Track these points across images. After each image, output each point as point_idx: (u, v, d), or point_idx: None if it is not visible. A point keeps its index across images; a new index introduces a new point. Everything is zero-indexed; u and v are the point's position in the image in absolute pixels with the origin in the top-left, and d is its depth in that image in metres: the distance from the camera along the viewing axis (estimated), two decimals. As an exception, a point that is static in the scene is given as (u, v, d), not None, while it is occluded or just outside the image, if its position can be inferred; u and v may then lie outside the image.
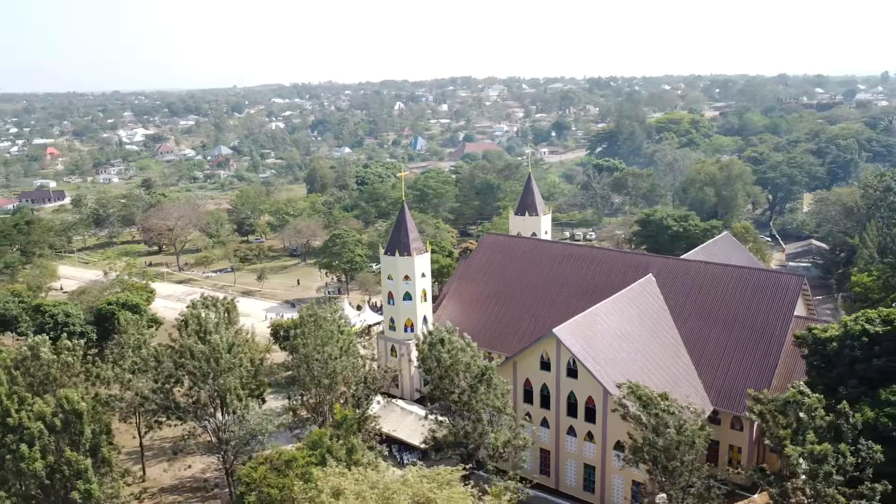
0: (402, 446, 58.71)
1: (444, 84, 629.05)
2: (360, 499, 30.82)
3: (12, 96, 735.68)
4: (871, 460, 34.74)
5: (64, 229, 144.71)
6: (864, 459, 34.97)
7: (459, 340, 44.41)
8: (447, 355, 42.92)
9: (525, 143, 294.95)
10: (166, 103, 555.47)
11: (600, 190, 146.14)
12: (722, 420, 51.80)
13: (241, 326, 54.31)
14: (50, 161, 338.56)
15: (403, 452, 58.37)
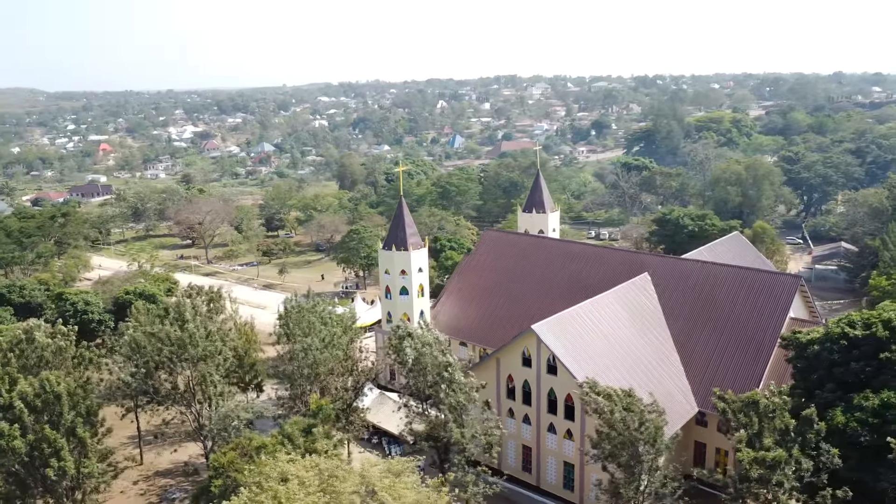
0: (392, 438, 59.33)
1: (488, 83, 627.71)
2: (302, 484, 31.42)
3: (73, 94, 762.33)
4: (830, 466, 33.77)
5: (102, 222, 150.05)
6: (824, 465, 34.04)
7: (428, 336, 44.59)
8: (410, 350, 43.22)
9: (563, 141, 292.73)
10: (216, 101, 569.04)
11: (628, 189, 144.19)
12: (709, 422, 50.85)
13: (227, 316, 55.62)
14: (102, 157, 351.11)
15: (392, 445, 59.00)
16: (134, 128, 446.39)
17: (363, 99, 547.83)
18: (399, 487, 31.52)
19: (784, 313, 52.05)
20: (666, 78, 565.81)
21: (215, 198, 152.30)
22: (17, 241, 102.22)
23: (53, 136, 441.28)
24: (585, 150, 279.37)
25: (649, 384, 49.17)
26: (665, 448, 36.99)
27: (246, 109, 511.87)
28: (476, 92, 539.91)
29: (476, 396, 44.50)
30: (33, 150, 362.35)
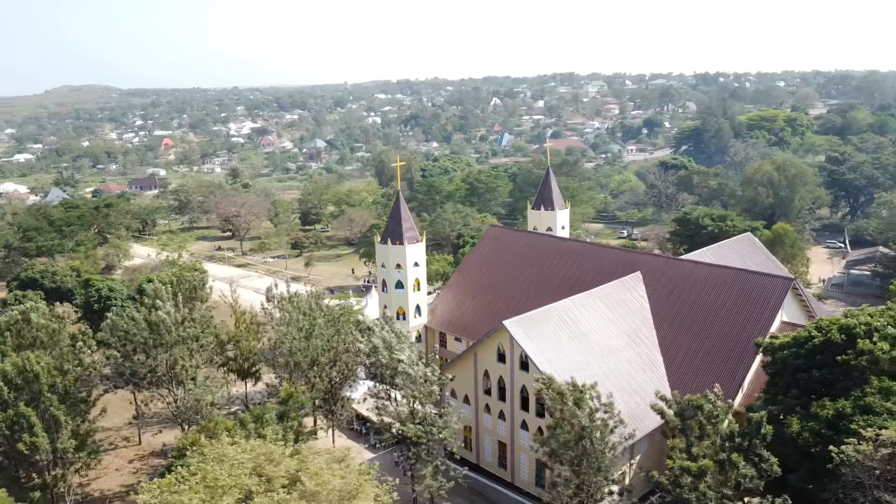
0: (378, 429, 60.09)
1: (545, 80, 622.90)
2: (232, 466, 32.43)
3: (144, 91, 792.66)
4: (770, 473, 32.75)
5: (148, 213, 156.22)
6: (765, 472, 33.05)
7: (384, 332, 45.04)
8: (364, 345, 43.88)
9: (613, 140, 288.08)
10: (276, 98, 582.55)
11: (665, 189, 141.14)
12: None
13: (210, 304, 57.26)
14: (164, 151, 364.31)
15: (377, 434, 59.78)
16: (196, 124, 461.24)
17: (419, 96, 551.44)
18: (324, 473, 32.16)
19: (772, 317, 50.40)
20: (729, 75, 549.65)
21: (252, 192, 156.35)
22: (59, 229, 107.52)
23: (122, 132, 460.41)
24: (635, 149, 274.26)
25: (625, 386, 48.54)
26: (610, 449, 36.45)
27: (304, 106, 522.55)
28: (532, 90, 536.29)
29: (435, 390, 44.77)
30: (101, 144, 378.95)
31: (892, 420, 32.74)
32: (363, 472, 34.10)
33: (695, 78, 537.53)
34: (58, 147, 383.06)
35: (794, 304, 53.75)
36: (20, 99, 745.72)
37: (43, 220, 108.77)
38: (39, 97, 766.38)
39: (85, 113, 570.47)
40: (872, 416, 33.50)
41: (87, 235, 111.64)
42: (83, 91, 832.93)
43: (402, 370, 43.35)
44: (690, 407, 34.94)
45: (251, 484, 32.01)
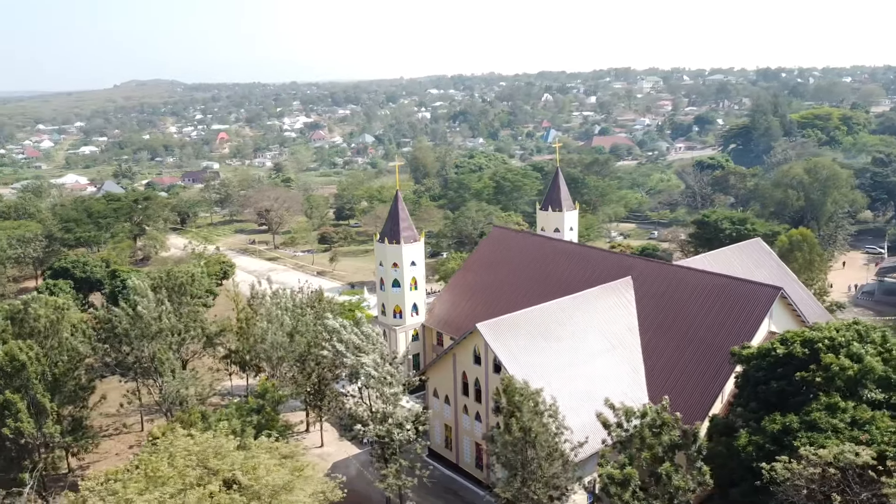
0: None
1: (601, 75, 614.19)
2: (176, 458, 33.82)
3: (207, 86, 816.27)
4: (704, 485, 32.22)
5: (190, 206, 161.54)
6: (701, 485, 32.53)
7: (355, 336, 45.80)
8: (328, 350, 44.91)
9: (661, 137, 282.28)
10: (331, 93, 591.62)
11: (700, 189, 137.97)
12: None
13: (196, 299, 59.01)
14: (218, 145, 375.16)
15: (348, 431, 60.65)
16: (252, 118, 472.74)
17: (471, 92, 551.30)
18: (260, 468, 33.20)
19: (755, 326, 49.11)
20: (793, 70, 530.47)
21: (294, 187, 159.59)
22: (96, 221, 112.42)
23: (181, 125, 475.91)
24: (683, 147, 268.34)
25: (599, 392, 47.95)
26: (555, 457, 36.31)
27: (357, 101, 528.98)
28: (585, 85, 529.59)
29: (398, 391, 45.39)
30: (160, 137, 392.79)
31: (834, 438, 31.74)
32: (301, 469, 35.04)
33: (756, 73, 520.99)
34: (121, 140, 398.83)
35: (785, 313, 52.16)
36: (90, 93, 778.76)
37: (83, 212, 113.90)
38: (108, 91, 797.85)
39: (149, 107, 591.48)
40: (816, 432, 32.54)
41: (122, 227, 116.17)
42: (149, 86, 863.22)
43: (366, 371, 44.09)
44: (633, 416, 34.57)
45: (193, 476, 33.32)
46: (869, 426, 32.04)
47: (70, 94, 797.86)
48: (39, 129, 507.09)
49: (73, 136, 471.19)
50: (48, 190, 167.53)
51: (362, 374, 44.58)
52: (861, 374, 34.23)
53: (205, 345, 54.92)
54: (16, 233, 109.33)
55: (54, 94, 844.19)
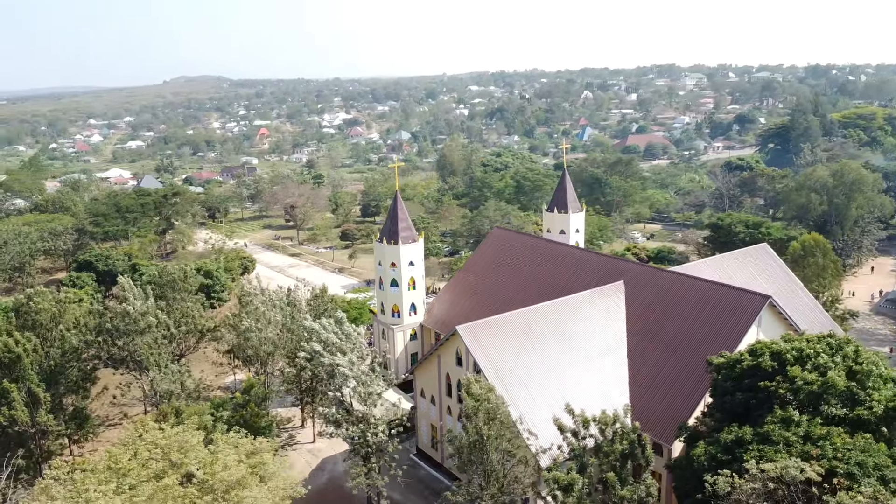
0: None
1: (644, 72, 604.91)
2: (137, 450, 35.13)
3: (252, 82, 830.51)
4: (648, 496, 32.02)
5: (221, 201, 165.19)
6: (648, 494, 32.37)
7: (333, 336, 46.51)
8: (303, 355, 45.76)
9: (699, 136, 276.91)
10: (372, 90, 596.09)
11: (727, 191, 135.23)
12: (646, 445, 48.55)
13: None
14: (259, 140, 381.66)
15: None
16: (293, 114, 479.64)
17: (511, 88, 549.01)
18: (217, 464, 34.19)
19: (741, 334, 48.21)
20: (845, 68, 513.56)
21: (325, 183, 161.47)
22: (123, 216, 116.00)
23: (225, 121, 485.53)
24: (721, 146, 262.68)
25: (577, 398, 47.83)
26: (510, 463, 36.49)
27: (397, 98, 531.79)
28: (627, 82, 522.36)
29: (376, 391, 46.00)
30: (202, 132, 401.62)
31: (784, 452, 31.20)
32: (262, 465, 35.98)
33: (805, 70, 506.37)
34: (165, 135, 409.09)
35: (775, 322, 51.07)
36: (141, 89, 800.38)
37: (112, 206, 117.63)
38: (158, 87, 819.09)
39: (195, 103, 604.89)
40: (768, 445, 32.04)
41: (149, 222, 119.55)
42: (197, 82, 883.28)
43: (341, 371, 44.82)
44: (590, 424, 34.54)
45: (155, 469, 34.54)
46: (823, 441, 31.38)
47: (122, 90, 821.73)
48: (91, 123, 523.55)
49: (122, 130, 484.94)
50: (88, 184, 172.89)
51: (337, 374, 45.33)
52: (822, 388, 33.52)
53: (198, 339, 56.36)
54: (49, 226, 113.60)
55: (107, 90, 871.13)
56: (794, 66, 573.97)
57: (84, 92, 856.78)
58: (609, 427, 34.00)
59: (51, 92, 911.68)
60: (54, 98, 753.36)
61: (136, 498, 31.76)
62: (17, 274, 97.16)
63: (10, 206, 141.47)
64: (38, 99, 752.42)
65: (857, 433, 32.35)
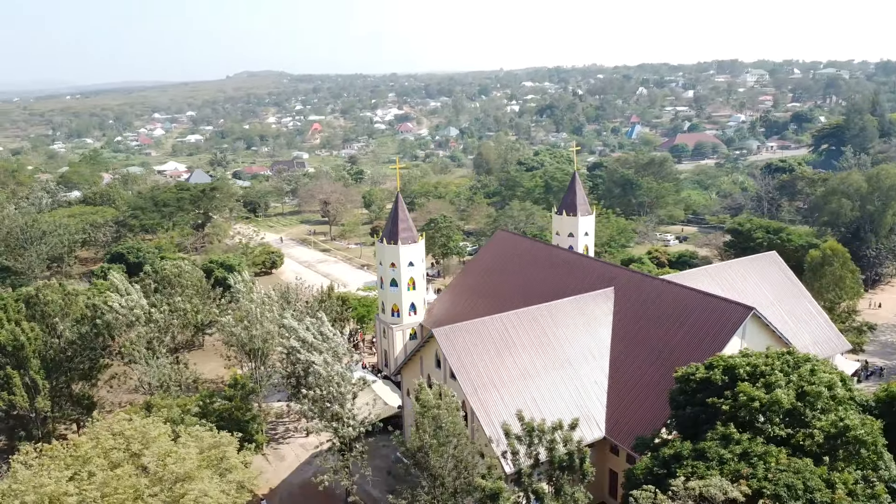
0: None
1: (705, 68, 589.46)
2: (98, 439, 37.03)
3: (312, 77, 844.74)
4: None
5: (260, 196, 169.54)
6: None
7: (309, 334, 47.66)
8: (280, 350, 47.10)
9: (753, 135, 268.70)
10: (426, 85, 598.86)
11: (766, 194, 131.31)
12: (620, 452, 48.30)
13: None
14: (311, 135, 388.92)
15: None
16: (347, 109, 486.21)
17: (565, 84, 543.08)
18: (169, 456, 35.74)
19: (721, 345, 47.18)
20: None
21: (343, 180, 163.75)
22: (159, 210, 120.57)
23: (281, 115, 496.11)
24: (776, 146, 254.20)
25: (550, 406, 47.91)
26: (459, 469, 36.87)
27: (450, 94, 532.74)
28: (685, 78, 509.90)
29: (349, 390, 47.01)
30: (258, 127, 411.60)
31: (716, 470, 30.70)
32: (215, 459, 37.43)
33: (876, 66, 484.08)
34: (223, 129, 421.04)
35: (762, 333, 49.79)
36: (205, 83, 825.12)
37: (150, 200, 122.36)
38: (221, 82, 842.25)
39: (255, 97, 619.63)
40: (702, 462, 31.58)
41: (184, 216, 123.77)
42: (259, 77, 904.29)
43: (315, 370, 45.99)
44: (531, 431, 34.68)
45: (115, 458, 36.36)
46: (757, 461, 30.77)
47: (187, 85, 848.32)
48: (155, 117, 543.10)
49: (184, 125, 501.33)
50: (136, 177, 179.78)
51: (312, 372, 46.55)
52: (766, 406, 32.82)
53: (194, 333, 58.63)
54: (91, 218, 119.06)
55: (174, 84, 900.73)
56: (865, 61, 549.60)
57: (152, 86, 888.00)
58: (546, 435, 34.02)
59: (122, 86, 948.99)
60: (124, 92, 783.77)
61: (88, 484, 33.54)
62: (55, 264, 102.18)
63: (61, 197, 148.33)
64: (109, 93, 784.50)
65: (797, 455, 31.63)
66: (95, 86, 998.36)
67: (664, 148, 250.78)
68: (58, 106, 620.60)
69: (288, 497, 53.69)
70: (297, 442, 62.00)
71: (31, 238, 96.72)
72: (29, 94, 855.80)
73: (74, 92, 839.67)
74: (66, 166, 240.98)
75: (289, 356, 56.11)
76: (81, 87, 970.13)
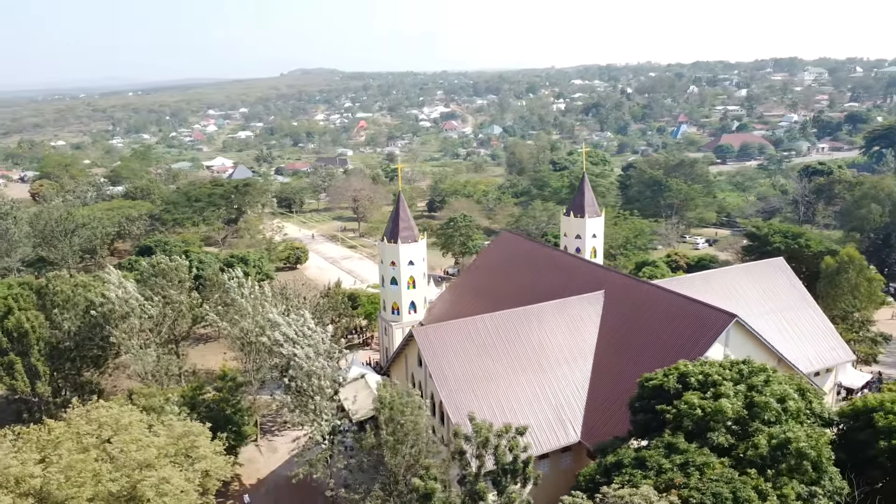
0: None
1: (761, 66, 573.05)
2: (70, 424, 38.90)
3: (363, 75, 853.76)
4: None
5: (295, 193, 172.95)
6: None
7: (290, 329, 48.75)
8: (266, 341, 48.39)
9: (804, 136, 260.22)
10: (474, 83, 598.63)
11: (802, 197, 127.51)
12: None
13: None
14: (356, 132, 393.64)
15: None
16: (394, 107, 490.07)
17: (615, 82, 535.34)
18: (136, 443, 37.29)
19: (701, 352, 46.31)
20: None
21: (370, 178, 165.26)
22: (191, 205, 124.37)
23: (329, 113, 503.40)
24: (827, 147, 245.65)
25: (520, 406, 47.97)
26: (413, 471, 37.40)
27: (498, 91, 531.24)
28: (739, 77, 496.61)
29: (326, 385, 47.98)
30: (305, 124, 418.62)
31: (652, 478, 30.47)
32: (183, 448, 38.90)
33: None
34: (272, 126, 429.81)
35: (747, 341, 48.71)
36: (259, 81, 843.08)
37: (182, 195, 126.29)
38: (274, 80, 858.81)
39: (305, 95, 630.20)
40: (641, 469, 31.37)
41: (214, 212, 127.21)
42: (312, 74, 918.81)
43: (296, 363, 47.12)
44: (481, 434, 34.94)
45: (86, 444, 38.12)
46: (695, 470, 30.41)
47: (242, 82, 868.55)
48: (209, 114, 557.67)
49: (236, 121, 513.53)
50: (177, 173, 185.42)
51: (293, 366, 47.69)
52: (711, 416, 32.37)
53: (191, 326, 60.61)
54: (128, 212, 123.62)
55: (230, 82, 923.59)
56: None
57: (209, 84, 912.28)
58: (493, 439, 34.22)
59: (181, 83, 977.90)
60: (182, 89, 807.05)
61: (52, 466, 35.32)
62: (88, 255, 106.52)
63: (105, 191, 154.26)
64: (168, 90, 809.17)
65: (741, 465, 31.13)
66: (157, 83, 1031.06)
67: (708, 148, 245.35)
68: (119, 102, 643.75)
69: (274, 488, 55.11)
70: (291, 435, 63.27)
71: (65, 230, 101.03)
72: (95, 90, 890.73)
73: (137, 89, 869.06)
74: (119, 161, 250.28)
75: (272, 351, 57.71)
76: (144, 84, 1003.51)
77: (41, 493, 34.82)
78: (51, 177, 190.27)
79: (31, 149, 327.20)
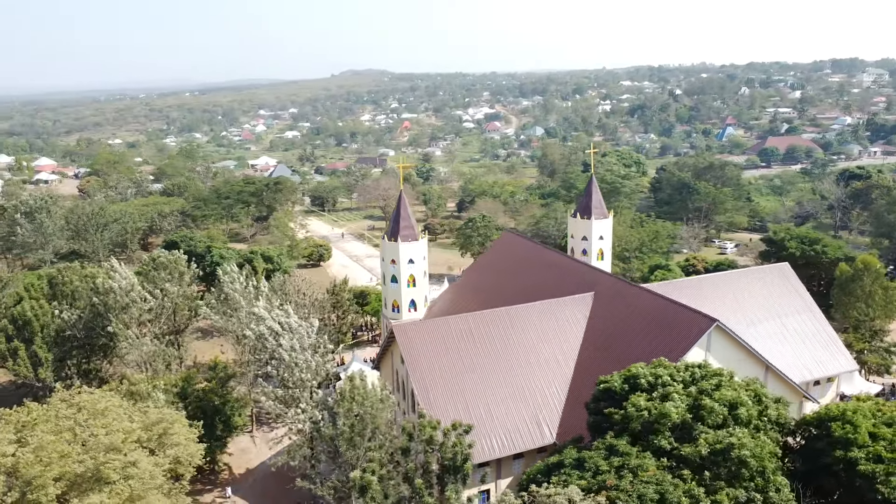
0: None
1: (820, 67, 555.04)
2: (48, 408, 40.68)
3: (412, 76, 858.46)
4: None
5: (328, 191, 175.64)
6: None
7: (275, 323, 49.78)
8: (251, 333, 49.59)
9: (856, 139, 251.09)
10: (521, 84, 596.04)
11: (836, 202, 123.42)
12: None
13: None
14: (399, 133, 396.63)
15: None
16: (439, 107, 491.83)
17: (665, 84, 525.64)
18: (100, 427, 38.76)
19: (679, 355, 45.46)
20: None
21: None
22: (221, 202, 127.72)
23: (376, 113, 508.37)
24: (880, 151, 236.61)
25: (498, 405, 48.01)
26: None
27: (544, 93, 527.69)
28: (794, 78, 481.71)
29: (308, 377, 48.86)
30: (350, 124, 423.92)
31: (587, 479, 30.29)
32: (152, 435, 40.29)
33: None
34: (319, 126, 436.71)
35: (730, 346, 47.69)
36: (310, 82, 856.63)
37: (213, 193, 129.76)
38: (325, 80, 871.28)
39: (354, 95, 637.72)
40: (579, 470, 31.20)
41: (244, 209, 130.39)
42: (362, 75, 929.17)
43: (279, 356, 48.18)
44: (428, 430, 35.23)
45: (62, 427, 39.84)
46: (628, 473, 30.14)
47: (294, 83, 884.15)
48: (260, 114, 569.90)
49: (285, 121, 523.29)
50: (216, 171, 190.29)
51: (276, 358, 48.78)
52: (654, 418, 31.99)
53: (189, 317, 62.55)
54: (162, 208, 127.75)
55: (283, 82, 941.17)
56: None
57: (262, 84, 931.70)
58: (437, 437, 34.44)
59: (236, 84, 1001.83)
60: (236, 90, 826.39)
61: (23, 447, 37.04)
62: (119, 250, 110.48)
63: (145, 188, 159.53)
64: (222, 90, 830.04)
65: (680, 468, 30.72)
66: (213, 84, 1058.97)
67: (753, 151, 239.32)
68: (175, 102, 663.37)
69: (262, 478, 56.41)
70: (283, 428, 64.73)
71: (97, 225, 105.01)
72: (154, 90, 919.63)
73: (193, 89, 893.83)
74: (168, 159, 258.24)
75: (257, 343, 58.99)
76: (200, 85, 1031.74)
77: (13, 470, 36.56)
78: (99, 174, 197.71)
79: (88, 147, 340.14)
